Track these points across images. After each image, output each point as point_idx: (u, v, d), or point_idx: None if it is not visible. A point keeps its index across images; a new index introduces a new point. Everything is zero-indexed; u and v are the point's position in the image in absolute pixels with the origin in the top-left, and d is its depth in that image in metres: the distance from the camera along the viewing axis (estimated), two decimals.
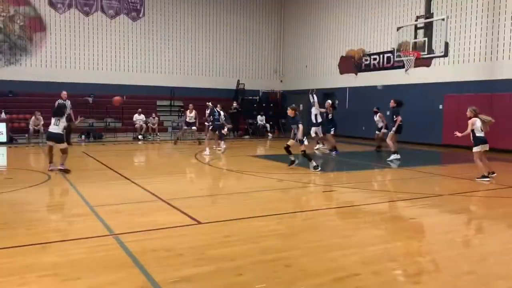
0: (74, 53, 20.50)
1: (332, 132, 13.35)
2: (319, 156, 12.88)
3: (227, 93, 23.23)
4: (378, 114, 14.04)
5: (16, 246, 4.41)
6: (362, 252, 4.41)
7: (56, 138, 9.15)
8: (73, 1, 20.37)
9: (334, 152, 13.03)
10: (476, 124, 8.50)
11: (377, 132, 14.17)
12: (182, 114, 21.55)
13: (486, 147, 8.57)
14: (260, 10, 24.77)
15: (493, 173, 8.88)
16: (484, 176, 8.63)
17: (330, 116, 13.34)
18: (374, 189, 8.12)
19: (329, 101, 13.55)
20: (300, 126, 9.67)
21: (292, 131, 10.01)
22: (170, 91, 21.85)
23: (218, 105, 14.74)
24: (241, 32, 24.27)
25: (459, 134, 8.61)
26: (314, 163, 9.72)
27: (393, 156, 11.52)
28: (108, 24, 21.10)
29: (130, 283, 3.54)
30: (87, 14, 20.69)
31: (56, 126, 9.09)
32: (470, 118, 8.57)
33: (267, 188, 7.85)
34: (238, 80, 24.03)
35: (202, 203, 6.75)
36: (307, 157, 9.76)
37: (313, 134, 14.09)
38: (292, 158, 10.05)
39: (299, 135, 9.60)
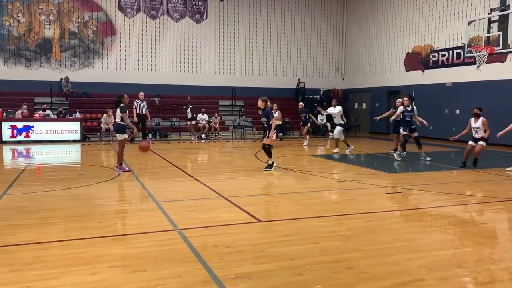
0: (142, 55, 21.52)
1: (402, 132, 12.36)
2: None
3: (288, 92, 23.24)
4: (482, 118, 10.21)
5: (89, 238, 4.73)
6: (428, 256, 4.23)
7: (115, 128, 9.38)
8: (141, 6, 21.39)
9: (401, 152, 12.34)
10: None
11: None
12: (243, 114, 21.91)
13: None
14: (321, 8, 24.49)
15: None
16: None
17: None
18: (442, 191, 7.74)
19: (401, 100, 12.68)
20: (273, 120, 9.44)
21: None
22: (231, 91, 22.26)
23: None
24: (301, 30, 24.15)
25: None
26: (270, 161, 9.53)
27: None
28: (173, 27, 21.91)
29: (193, 277, 3.67)
30: (154, 17, 21.63)
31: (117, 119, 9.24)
32: None
33: (327, 188, 7.76)
34: (299, 79, 23.93)
35: (262, 202, 6.81)
36: (268, 152, 9.53)
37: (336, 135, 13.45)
38: (271, 162, 9.70)
39: (272, 129, 9.38)
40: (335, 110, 13.34)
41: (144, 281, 3.59)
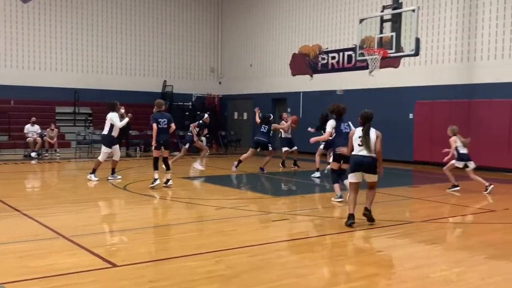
0: None
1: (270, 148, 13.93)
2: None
3: (150, 97, 22.92)
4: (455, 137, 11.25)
5: None
6: None
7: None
8: None
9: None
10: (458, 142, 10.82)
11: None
12: (90, 125, 21.11)
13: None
14: None
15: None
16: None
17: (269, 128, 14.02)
18: (334, 216, 8.38)
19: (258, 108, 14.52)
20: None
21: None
22: (73, 94, 21.30)
23: None
24: (167, 20, 24.28)
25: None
26: (169, 176, 10.72)
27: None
28: None
29: None
30: None
31: None
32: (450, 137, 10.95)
33: (202, 219, 7.87)
34: (165, 81, 23.93)
35: (118, 240, 6.66)
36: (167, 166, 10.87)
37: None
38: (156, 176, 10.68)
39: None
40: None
41: None
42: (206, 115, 14.63)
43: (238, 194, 10.67)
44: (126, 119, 12.00)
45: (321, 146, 12.68)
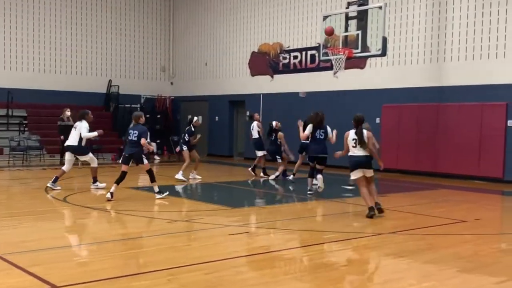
0: None
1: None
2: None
3: (95, 98, 22.68)
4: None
5: None
6: None
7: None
8: None
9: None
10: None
11: None
12: (25, 129, 20.61)
13: None
14: None
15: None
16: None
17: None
18: (297, 228, 8.43)
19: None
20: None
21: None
22: (6, 95, 20.78)
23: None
24: (113, 13, 24.00)
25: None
26: (157, 188, 10.80)
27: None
28: None
29: None
30: None
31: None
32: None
33: (153, 233, 7.81)
34: (110, 81, 23.62)
35: (58, 258, 6.51)
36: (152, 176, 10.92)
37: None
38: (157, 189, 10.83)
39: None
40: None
41: None
42: (196, 118, 14.41)
43: (192, 205, 10.63)
44: (95, 133, 12.16)
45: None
